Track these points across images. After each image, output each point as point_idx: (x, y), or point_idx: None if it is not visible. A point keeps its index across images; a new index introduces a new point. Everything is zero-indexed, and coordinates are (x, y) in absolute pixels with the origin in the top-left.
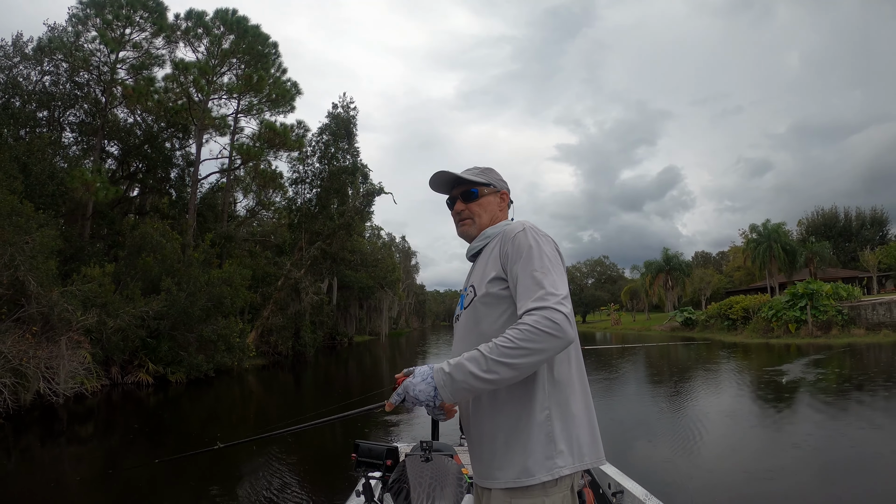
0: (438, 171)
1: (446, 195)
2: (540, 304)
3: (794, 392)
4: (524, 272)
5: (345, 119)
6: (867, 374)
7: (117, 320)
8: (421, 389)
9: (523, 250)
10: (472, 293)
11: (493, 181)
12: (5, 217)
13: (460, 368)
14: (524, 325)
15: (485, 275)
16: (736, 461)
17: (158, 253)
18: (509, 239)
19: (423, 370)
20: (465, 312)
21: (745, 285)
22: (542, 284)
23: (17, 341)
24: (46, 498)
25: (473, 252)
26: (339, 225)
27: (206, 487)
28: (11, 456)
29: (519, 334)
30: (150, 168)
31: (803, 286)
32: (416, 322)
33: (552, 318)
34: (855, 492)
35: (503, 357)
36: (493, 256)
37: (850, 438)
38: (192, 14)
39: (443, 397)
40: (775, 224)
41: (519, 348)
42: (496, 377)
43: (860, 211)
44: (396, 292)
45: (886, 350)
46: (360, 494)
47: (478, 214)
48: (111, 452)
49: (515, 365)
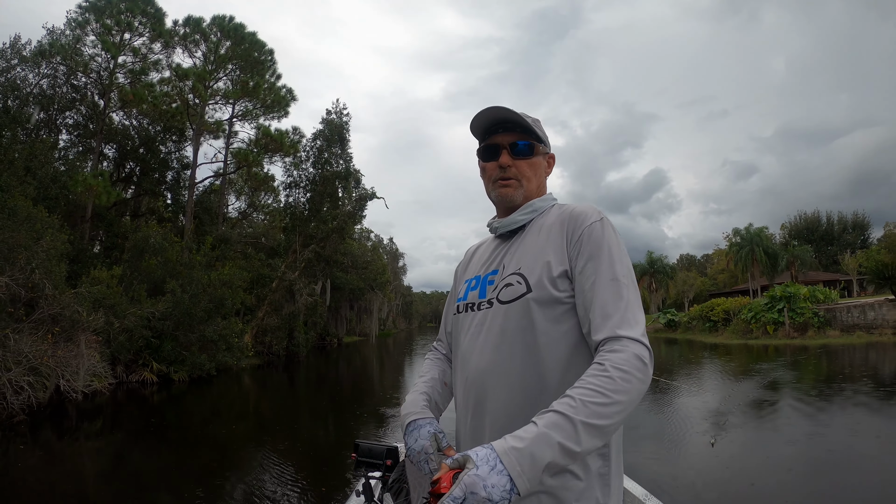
0: (488, 107)
1: (481, 141)
2: (629, 334)
3: (777, 391)
4: (604, 278)
5: (338, 125)
6: (843, 374)
7: (124, 321)
8: (493, 484)
9: (603, 247)
10: (521, 285)
11: (545, 139)
12: (22, 222)
13: (544, 443)
14: (617, 368)
15: (545, 262)
16: (725, 460)
17: (161, 255)
18: (583, 225)
19: (484, 455)
20: (503, 309)
21: (729, 288)
22: (628, 303)
23: (37, 342)
24: (67, 491)
25: (515, 226)
26: (332, 228)
27: (207, 487)
28: (35, 450)
29: (611, 384)
30: (145, 171)
31: (781, 289)
32: (403, 323)
33: (643, 357)
34: (843, 486)
35: (599, 419)
36: (557, 241)
37: (831, 436)
38: (190, 21)
39: (520, 488)
40: (758, 228)
41: (614, 403)
42: (586, 448)
43: (842, 215)
44: (386, 294)
45: (860, 350)
46: (359, 494)
47: (526, 177)
48: (126, 447)
49: (609, 428)
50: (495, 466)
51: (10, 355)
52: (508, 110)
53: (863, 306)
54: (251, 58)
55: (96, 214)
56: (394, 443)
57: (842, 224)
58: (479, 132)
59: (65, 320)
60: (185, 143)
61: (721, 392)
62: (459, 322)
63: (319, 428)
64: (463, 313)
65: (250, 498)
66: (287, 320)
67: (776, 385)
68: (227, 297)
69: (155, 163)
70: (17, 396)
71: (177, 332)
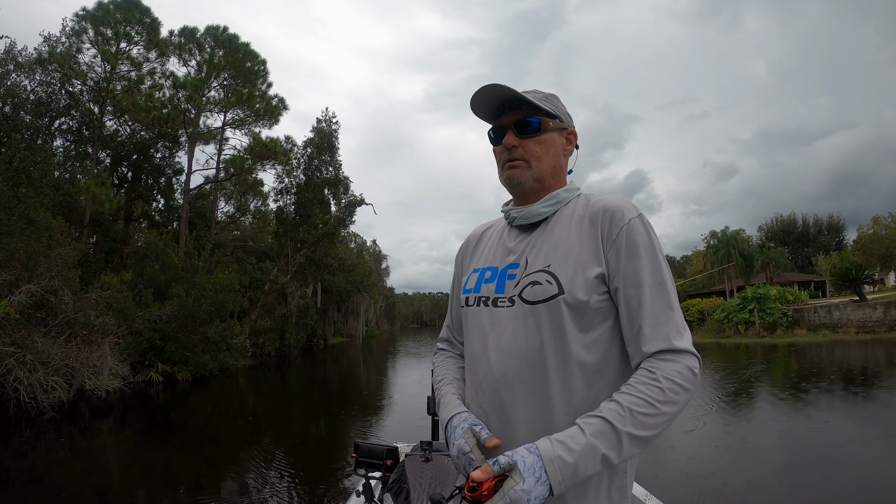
0: (486, 85)
1: (489, 123)
2: (680, 346)
3: (752, 387)
4: (650, 283)
5: (327, 133)
6: (814, 371)
7: (133, 324)
8: (537, 495)
9: (646, 247)
10: (551, 285)
11: (560, 113)
12: (44, 231)
13: (590, 456)
14: (668, 379)
15: (579, 261)
16: (714, 456)
17: (163, 260)
18: (619, 222)
19: (531, 464)
20: (529, 309)
21: (707, 288)
22: (676, 313)
23: (60, 345)
24: (92, 483)
25: (538, 219)
26: (322, 233)
27: (206, 486)
28: (64, 444)
29: (661, 395)
30: (137, 176)
31: (752, 291)
32: (387, 324)
33: (695, 369)
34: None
35: (644, 430)
36: (590, 238)
37: (796, 430)
38: (186, 31)
39: (555, 493)
40: (734, 231)
41: (661, 415)
42: (625, 458)
43: (818, 218)
44: (373, 296)
45: (826, 348)
46: (360, 494)
47: (535, 156)
48: (138, 442)
49: (652, 439)
50: (540, 478)
51: (37, 357)
52: (505, 88)
53: (829, 307)
54: (244, 68)
55: (94, 220)
56: (394, 443)
57: (817, 226)
58: (488, 115)
59: (88, 325)
60: (178, 150)
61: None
62: (470, 316)
63: (317, 425)
64: (475, 307)
65: (250, 497)
66: (279, 322)
67: (750, 381)
68: (229, 300)
69: (149, 168)
70: (46, 395)
71: (180, 333)
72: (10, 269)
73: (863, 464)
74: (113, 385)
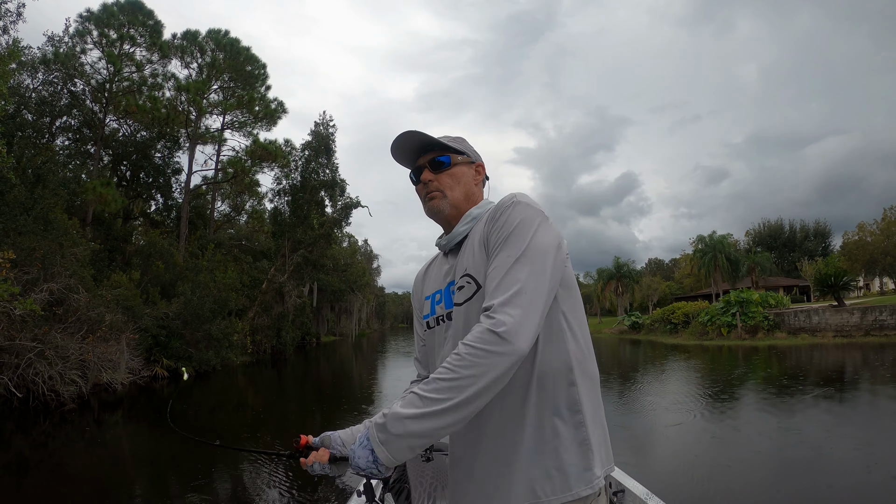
0: (402, 133)
1: (409, 168)
2: (491, 304)
3: (740, 387)
4: (498, 259)
5: (324, 136)
6: (796, 372)
7: (141, 321)
8: (360, 456)
9: (508, 229)
10: (471, 284)
11: (467, 150)
12: (60, 231)
13: (395, 419)
14: (466, 344)
15: (482, 257)
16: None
17: (166, 260)
18: (497, 214)
19: (360, 436)
20: (461, 309)
21: (694, 292)
22: (514, 278)
23: (78, 340)
24: (107, 472)
25: (457, 240)
26: (319, 234)
27: (206, 486)
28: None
29: (458, 359)
30: (137, 175)
31: (735, 295)
32: (377, 324)
33: (495, 328)
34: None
35: (444, 394)
36: (480, 239)
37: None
38: (188, 34)
39: (382, 459)
40: (721, 235)
41: (461, 378)
42: (442, 424)
43: (804, 223)
44: (366, 296)
45: (805, 351)
46: (360, 494)
47: (449, 187)
48: (146, 433)
49: (462, 403)
50: (362, 442)
51: (57, 352)
52: (416, 133)
53: (808, 311)
54: (244, 71)
55: (96, 218)
56: None
57: (804, 232)
58: (407, 161)
59: (101, 321)
60: (178, 150)
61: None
62: (435, 336)
63: (317, 425)
64: (435, 327)
65: (250, 497)
66: (276, 320)
67: (733, 382)
68: (231, 298)
69: (149, 168)
70: (66, 388)
71: (184, 330)
72: (30, 269)
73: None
74: (126, 379)
